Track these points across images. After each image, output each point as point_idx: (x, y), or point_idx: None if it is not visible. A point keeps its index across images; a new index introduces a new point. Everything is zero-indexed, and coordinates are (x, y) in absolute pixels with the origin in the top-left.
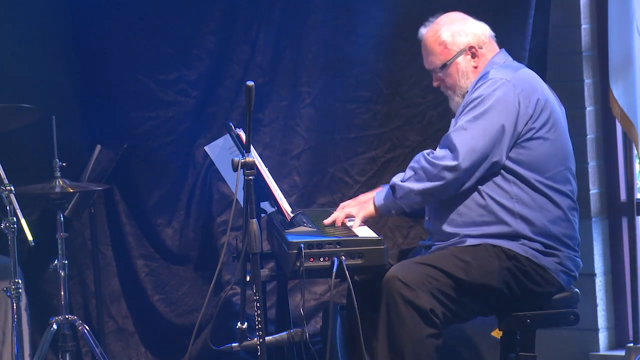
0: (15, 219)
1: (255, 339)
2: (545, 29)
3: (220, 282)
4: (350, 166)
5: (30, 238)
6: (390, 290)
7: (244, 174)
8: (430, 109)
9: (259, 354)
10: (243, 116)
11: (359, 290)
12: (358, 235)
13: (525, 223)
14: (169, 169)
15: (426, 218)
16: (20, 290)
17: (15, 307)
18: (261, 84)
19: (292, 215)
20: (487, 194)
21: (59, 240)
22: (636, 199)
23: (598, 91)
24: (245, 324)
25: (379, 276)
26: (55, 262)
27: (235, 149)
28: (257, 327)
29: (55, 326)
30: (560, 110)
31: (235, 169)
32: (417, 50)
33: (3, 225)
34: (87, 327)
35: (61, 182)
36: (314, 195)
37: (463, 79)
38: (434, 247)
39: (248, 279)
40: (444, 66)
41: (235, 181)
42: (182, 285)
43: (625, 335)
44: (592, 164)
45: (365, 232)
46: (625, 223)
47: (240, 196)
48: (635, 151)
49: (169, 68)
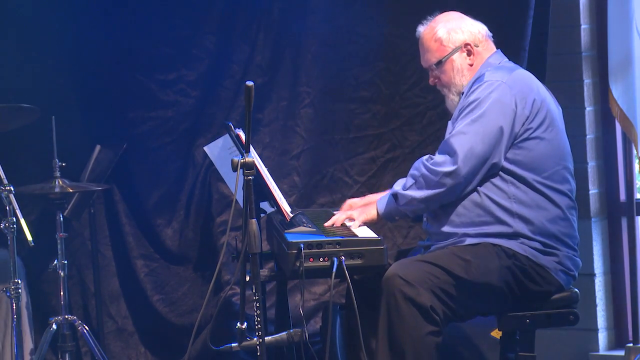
0: (14, 219)
1: (255, 339)
2: (545, 29)
3: (219, 282)
4: (349, 166)
5: (29, 238)
6: (391, 287)
7: (243, 174)
8: (430, 109)
9: (259, 354)
10: (243, 116)
11: (359, 290)
12: (358, 236)
13: (523, 222)
14: (168, 169)
15: (424, 219)
16: (20, 290)
17: (15, 307)
18: (261, 84)
19: (292, 215)
20: (485, 194)
21: (59, 241)
22: (636, 199)
23: (597, 91)
24: (245, 324)
25: (378, 275)
26: (55, 262)
27: (235, 149)
28: (257, 327)
29: (54, 326)
30: (557, 110)
31: (234, 169)
32: (417, 50)
33: (3, 225)
34: (87, 327)
35: (61, 182)
36: (314, 195)
37: (458, 76)
38: (433, 247)
39: (248, 279)
40: (439, 63)
41: (234, 181)
42: (182, 285)
43: (625, 335)
44: (592, 164)
45: (365, 232)
46: (624, 223)
47: (239, 196)
48: (634, 151)
49: (168, 68)
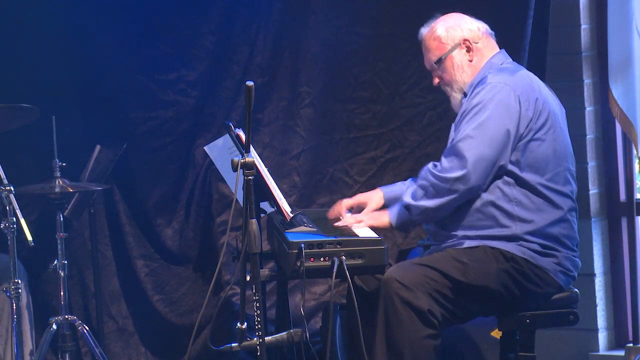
0: (15, 219)
1: (255, 339)
2: (545, 29)
3: (220, 282)
4: (349, 166)
5: (29, 238)
6: (389, 291)
7: (243, 174)
8: (430, 109)
9: (259, 354)
10: (243, 116)
11: (359, 291)
12: (358, 236)
13: (523, 225)
14: (168, 169)
15: None
16: (20, 290)
17: (15, 307)
18: (261, 84)
19: (292, 215)
20: (487, 198)
21: (59, 241)
22: (636, 199)
23: (597, 91)
24: (245, 324)
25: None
26: (55, 262)
27: (235, 149)
28: (257, 327)
29: (54, 326)
30: (560, 111)
31: (234, 169)
32: (417, 50)
33: (3, 225)
34: (87, 327)
35: (61, 182)
36: (314, 195)
37: (459, 72)
38: (432, 247)
39: (248, 279)
40: (440, 61)
41: (235, 181)
42: (182, 286)
43: (625, 336)
44: (592, 164)
45: (365, 232)
46: (624, 223)
47: (240, 196)
48: (634, 151)
49: (168, 68)
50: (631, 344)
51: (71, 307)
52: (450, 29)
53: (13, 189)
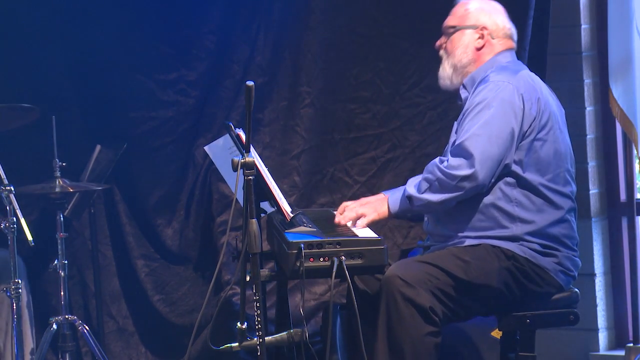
0: (15, 219)
1: (255, 339)
2: (545, 29)
3: (220, 282)
4: (350, 166)
5: (30, 238)
6: (390, 288)
7: (243, 174)
8: (430, 109)
9: (259, 354)
10: (243, 116)
11: (359, 291)
12: (358, 236)
13: (524, 226)
14: (169, 169)
15: (425, 219)
16: (20, 290)
17: (15, 307)
18: (261, 84)
19: (292, 215)
20: (488, 199)
21: (59, 240)
22: (636, 199)
23: (598, 91)
24: (245, 324)
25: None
26: (55, 262)
27: (235, 149)
28: (257, 327)
29: (55, 326)
30: (560, 112)
31: (235, 169)
32: (417, 50)
33: (3, 225)
34: (87, 327)
35: (61, 182)
36: (314, 195)
37: (461, 50)
38: (432, 248)
39: (248, 279)
40: (453, 28)
41: (235, 181)
42: (182, 285)
43: (625, 335)
44: (592, 164)
45: (365, 232)
46: (625, 223)
47: (240, 196)
48: (635, 151)
49: (168, 68)
50: (631, 344)
51: (71, 307)
52: (482, 11)
53: (13, 189)
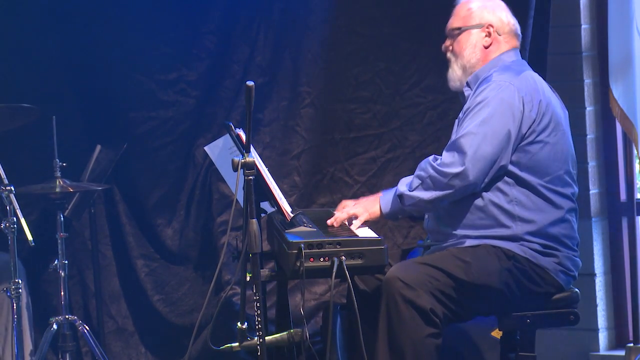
0: (15, 219)
1: (255, 339)
2: (545, 29)
3: (220, 282)
4: (350, 166)
5: (30, 238)
6: (391, 290)
7: (244, 174)
8: (430, 109)
9: (259, 354)
10: (243, 116)
11: (359, 291)
12: (358, 236)
13: (524, 225)
14: (169, 169)
15: (426, 217)
16: (20, 290)
17: (15, 307)
18: (261, 84)
19: (292, 215)
20: (488, 198)
21: (59, 241)
22: (636, 199)
23: (598, 91)
24: (245, 324)
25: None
26: (55, 262)
27: (236, 149)
28: (257, 327)
29: (55, 326)
30: (563, 113)
31: (235, 169)
32: (417, 50)
33: (3, 225)
34: (87, 327)
35: (61, 182)
36: (314, 195)
37: (469, 50)
38: (433, 247)
39: (248, 279)
40: (459, 30)
41: (235, 181)
42: (182, 285)
43: (625, 335)
44: (592, 164)
45: (365, 232)
46: (625, 223)
47: (240, 196)
48: (635, 151)
49: (169, 68)
50: (631, 344)
51: (71, 307)
52: (484, 9)
53: (13, 189)
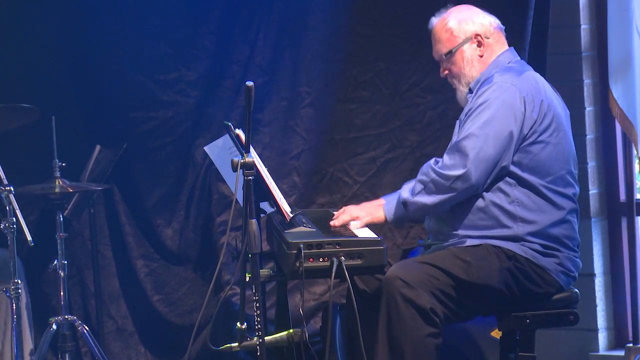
0: (14, 219)
1: (255, 339)
2: (544, 29)
3: (219, 282)
4: (349, 166)
5: (29, 238)
6: (391, 289)
7: (243, 174)
8: (430, 109)
9: (259, 354)
10: (242, 116)
11: (359, 291)
12: (358, 236)
13: (525, 226)
14: (168, 169)
15: (426, 217)
16: (20, 290)
17: (14, 307)
18: (261, 84)
19: (292, 215)
20: (489, 199)
21: (59, 241)
22: (635, 199)
23: (597, 91)
24: (245, 324)
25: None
26: (55, 263)
27: (235, 149)
28: (257, 327)
29: (54, 326)
30: (564, 113)
31: (234, 169)
32: (417, 50)
33: (2, 225)
34: (87, 327)
35: (60, 182)
36: (314, 195)
37: (468, 67)
38: (433, 247)
39: (247, 279)
40: (450, 53)
41: (234, 181)
42: (182, 286)
43: (625, 336)
44: (592, 164)
45: (364, 233)
46: (624, 223)
47: (239, 196)
48: (634, 151)
49: (168, 68)
50: (631, 344)
51: (71, 307)
52: (463, 22)
53: (13, 190)
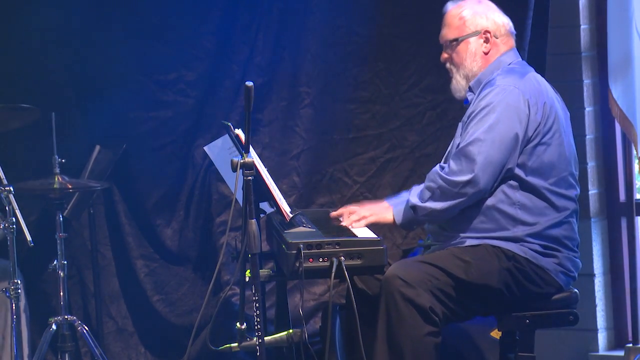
0: (14, 219)
1: (255, 339)
2: (544, 30)
3: (219, 283)
4: (349, 166)
5: (29, 239)
6: (390, 288)
7: (243, 175)
8: (430, 109)
9: (258, 354)
10: (242, 116)
11: (359, 291)
12: (357, 236)
13: (525, 228)
14: (168, 169)
15: None
16: (19, 290)
17: (14, 308)
18: (260, 84)
19: (291, 215)
20: (490, 201)
21: (58, 241)
22: (635, 200)
23: (597, 91)
24: (245, 324)
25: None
26: (55, 263)
27: (235, 149)
28: (256, 328)
29: (54, 326)
30: (565, 115)
31: (234, 170)
32: (417, 50)
33: (2, 226)
34: (87, 328)
35: (60, 179)
36: (313, 195)
37: (470, 59)
38: (433, 247)
39: (247, 279)
40: (455, 41)
41: (234, 181)
42: (182, 286)
43: (625, 336)
44: (592, 165)
45: (364, 233)
46: (624, 223)
47: (239, 196)
48: (634, 151)
49: (168, 68)
50: (631, 344)
51: (71, 307)
52: (477, 15)
53: (12, 190)
